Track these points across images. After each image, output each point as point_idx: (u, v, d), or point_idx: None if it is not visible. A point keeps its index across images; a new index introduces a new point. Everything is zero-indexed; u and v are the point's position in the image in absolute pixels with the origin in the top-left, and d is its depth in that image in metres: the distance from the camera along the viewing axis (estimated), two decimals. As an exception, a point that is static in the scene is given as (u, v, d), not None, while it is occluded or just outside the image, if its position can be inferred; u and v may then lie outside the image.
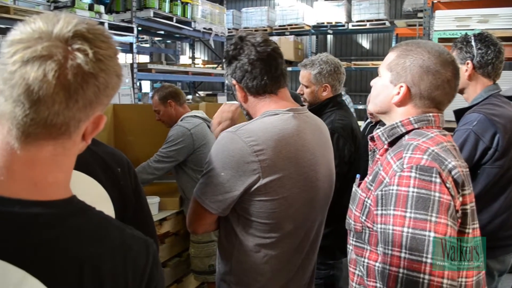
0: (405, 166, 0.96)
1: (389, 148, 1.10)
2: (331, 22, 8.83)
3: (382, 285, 0.96)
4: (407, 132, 1.07)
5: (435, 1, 4.04)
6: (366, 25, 8.62)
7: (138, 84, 6.72)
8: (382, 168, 1.04)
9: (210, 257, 2.60)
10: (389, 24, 8.57)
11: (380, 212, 0.99)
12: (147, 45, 10.11)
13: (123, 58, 7.40)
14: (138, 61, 6.03)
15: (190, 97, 7.71)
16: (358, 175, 1.22)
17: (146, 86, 9.62)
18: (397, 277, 0.92)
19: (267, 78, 1.21)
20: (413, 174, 0.94)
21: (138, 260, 0.66)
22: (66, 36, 0.58)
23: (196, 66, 8.42)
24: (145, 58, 9.56)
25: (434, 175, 0.94)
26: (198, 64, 9.44)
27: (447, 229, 0.91)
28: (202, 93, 9.12)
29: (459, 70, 1.10)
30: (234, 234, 1.21)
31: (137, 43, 5.94)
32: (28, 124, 0.57)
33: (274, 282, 1.23)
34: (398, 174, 0.96)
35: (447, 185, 0.94)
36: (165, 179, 2.75)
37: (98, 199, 0.88)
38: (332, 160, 1.35)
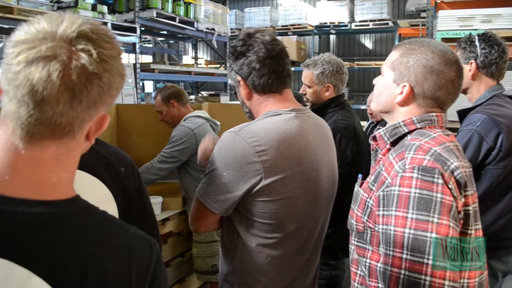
0: (407, 167, 0.96)
1: (391, 147, 1.09)
2: (334, 22, 8.83)
3: (383, 285, 0.96)
4: (410, 132, 1.06)
5: (438, 1, 4.03)
6: (369, 25, 8.62)
7: (141, 84, 6.72)
8: (384, 168, 1.03)
9: (213, 257, 2.60)
10: (392, 24, 8.56)
11: (381, 212, 0.98)
12: (150, 45, 10.14)
13: (126, 58, 7.41)
14: (141, 61, 6.03)
15: (192, 97, 7.73)
16: (360, 175, 1.21)
17: (149, 86, 9.64)
18: (398, 278, 0.91)
19: (274, 77, 1.21)
20: (415, 175, 0.94)
21: (141, 259, 0.66)
22: (70, 36, 0.58)
23: (198, 66, 8.44)
24: (148, 58, 9.59)
25: (436, 176, 0.93)
26: (201, 64, 9.47)
27: (449, 230, 0.91)
28: (204, 93, 9.14)
29: (463, 69, 1.10)
30: (236, 234, 1.21)
31: (140, 43, 5.94)
32: (32, 124, 0.58)
33: (277, 283, 1.23)
34: (400, 174, 0.96)
35: (450, 186, 0.94)
36: (168, 179, 2.74)
37: (101, 199, 0.88)
38: (335, 160, 1.35)
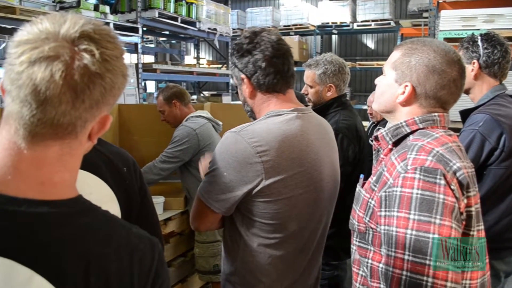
0: (409, 168, 0.95)
1: (393, 148, 1.09)
2: (336, 22, 8.82)
3: (385, 286, 0.95)
4: (412, 132, 1.06)
5: (441, 0, 4.02)
6: (371, 25, 8.60)
7: (143, 84, 6.74)
8: (386, 168, 1.03)
9: (215, 257, 2.60)
10: (394, 24, 8.54)
11: (383, 213, 0.98)
12: (152, 45, 10.15)
13: (128, 58, 7.42)
14: (143, 61, 6.05)
15: (194, 97, 7.73)
16: (362, 175, 1.21)
17: (151, 86, 9.65)
18: (400, 279, 0.91)
19: (279, 77, 1.21)
20: (417, 176, 0.93)
21: (144, 259, 0.66)
22: (72, 36, 0.59)
23: (200, 66, 8.45)
24: (150, 58, 9.59)
25: (438, 177, 0.92)
26: (203, 64, 9.47)
27: (451, 231, 0.90)
28: (206, 93, 9.14)
29: (465, 69, 1.09)
30: (238, 234, 1.21)
31: (142, 43, 5.95)
32: (35, 124, 0.58)
33: (279, 283, 1.23)
34: (402, 175, 0.95)
35: (452, 187, 0.93)
36: (170, 179, 2.75)
37: (104, 199, 0.88)
38: (336, 160, 1.35)
